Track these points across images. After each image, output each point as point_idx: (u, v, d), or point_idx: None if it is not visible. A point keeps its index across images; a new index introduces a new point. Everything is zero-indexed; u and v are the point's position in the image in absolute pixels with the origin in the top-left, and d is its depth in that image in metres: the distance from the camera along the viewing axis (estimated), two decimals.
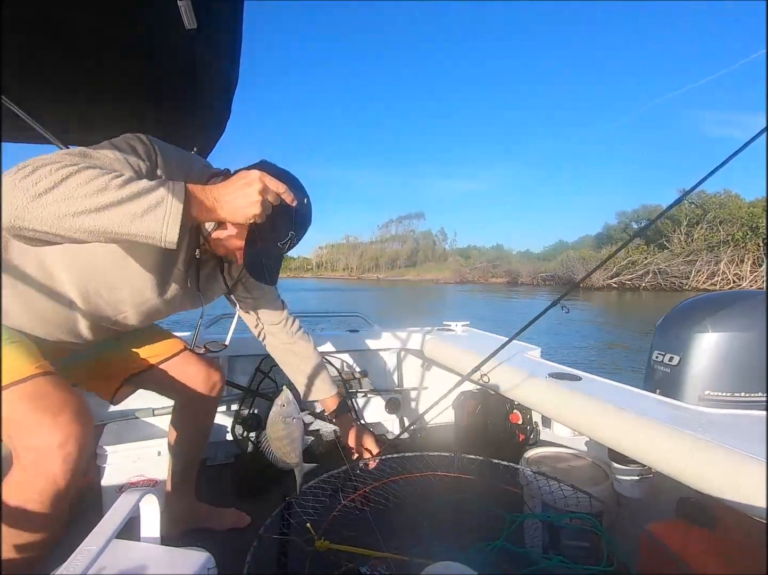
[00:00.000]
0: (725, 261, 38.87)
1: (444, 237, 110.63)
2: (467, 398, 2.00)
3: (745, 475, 0.81)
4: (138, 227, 0.66)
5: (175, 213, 0.67)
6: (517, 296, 31.81)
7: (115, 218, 0.65)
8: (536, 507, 1.26)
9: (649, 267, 41.23)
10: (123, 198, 0.65)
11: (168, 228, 0.66)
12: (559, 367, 1.51)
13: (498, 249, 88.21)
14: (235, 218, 0.74)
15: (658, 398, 1.19)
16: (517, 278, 55.76)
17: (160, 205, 0.66)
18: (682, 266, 40.23)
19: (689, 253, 41.21)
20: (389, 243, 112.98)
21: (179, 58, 1.10)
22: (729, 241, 40.43)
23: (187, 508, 1.34)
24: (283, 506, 0.96)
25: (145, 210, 0.65)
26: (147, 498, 0.83)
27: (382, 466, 1.17)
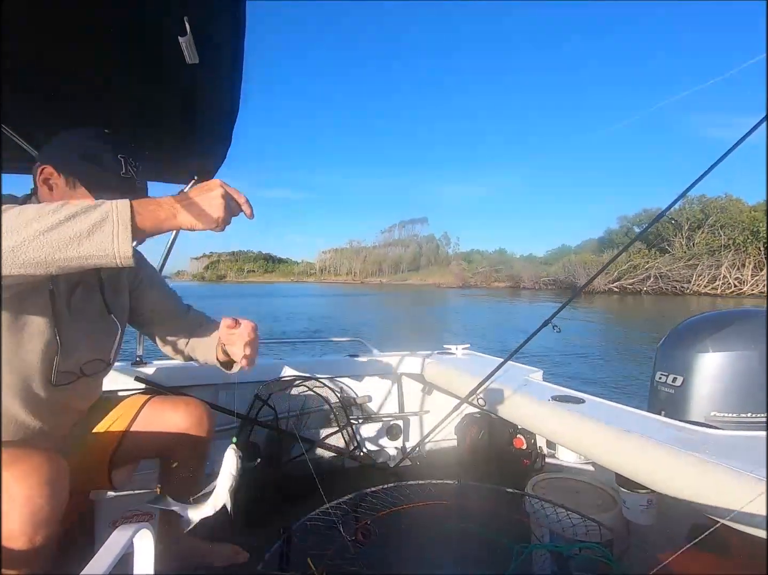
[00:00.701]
0: (726, 265, 39.08)
1: (447, 241, 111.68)
2: (470, 422, 1.97)
3: (757, 499, 0.79)
4: (87, 248, 0.64)
5: (124, 227, 0.64)
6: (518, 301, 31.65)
7: (60, 242, 0.63)
8: (544, 536, 1.22)
9: (651, 271, 41.48)
10: (62, 219, 0.63)
11: (120, 243, 0.64)
12: (562, 389, 1.49)
13: (501, 253, 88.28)
14: (198, 223, 0.72)
15: (663, 421, 1.17)
16: (519, 283, 55.91)
17: (106, 221, 0.64)
18: (683, 270, 40.51)
19: (690, 257, 41.55)
20: (392, 248, 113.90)
21: (181, 91, 1.12)
22: (730, 245, 40.75)
23: (182, 544, 1.28)
24: (282, 540, 0.93)
25: (90, 228, 0.63)
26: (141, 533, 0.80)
27: (384, 495, 1.13)
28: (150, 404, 1.18)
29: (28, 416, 0.93)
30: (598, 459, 1.15)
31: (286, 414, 1.95)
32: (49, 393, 0.94)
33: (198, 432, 1.18)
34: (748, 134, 1.14)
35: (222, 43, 0.92)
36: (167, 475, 1.23)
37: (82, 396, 1.07)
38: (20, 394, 0.90)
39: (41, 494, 0.75)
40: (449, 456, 2.19)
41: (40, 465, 0.78)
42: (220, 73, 1.03)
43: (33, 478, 0.76)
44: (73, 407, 1.06)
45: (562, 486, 1.42)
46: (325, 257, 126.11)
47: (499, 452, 1.86)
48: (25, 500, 0.74)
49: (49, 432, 0.98)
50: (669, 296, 36.68)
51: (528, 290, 48.82)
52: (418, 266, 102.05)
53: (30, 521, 0.74)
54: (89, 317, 1.01)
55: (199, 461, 1.24)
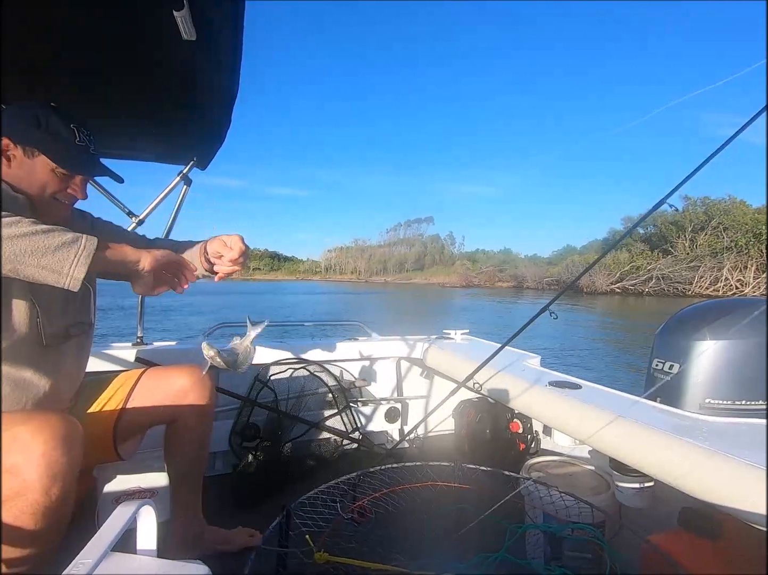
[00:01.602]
0: (728, 267, 38.99)
1: (452, 241, 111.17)
2: (467, 406, 1.99)
3: (747, 484, 0.80)
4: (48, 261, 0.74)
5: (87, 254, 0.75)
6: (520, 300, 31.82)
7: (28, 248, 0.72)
8: (537, 517, 1.24)
9: (653, 273, 41.42)
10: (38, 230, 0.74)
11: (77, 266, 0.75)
12: (559, 375, 1.51)
13: (506, 253, 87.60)
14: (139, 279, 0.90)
15: (658, 407, 1.18)
16: (523, 283, 55.97)
17: (75, 243, 0.75)
18: (685, 272, 40.41)
19: (692, 259, 41.36)
20: (397, 247, 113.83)
21: (179, 69, 1.10)
22: (732, 247, 40.60)
23: (198, 533, 1.28)
24: (281, 517, 0.95)
25: (58, 245, 0.74)
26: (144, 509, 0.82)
27: (382, 476, 1.15)
28: (148, 374, 1.21)
29: (31, 376, 0.97)
30: (593, 444, 1.16)
31: (286, 396, 1.97)
32: (43, 353, 0.99)
33: (200, 392, 1.20)
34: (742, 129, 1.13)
35: (219, 19, 0.90)
36: (174, 441, 1.24)
37: (75, 357, 1.10)
38: (18, 357, 0.95)
39: (56, 446, 0.78)
40: (446, 439, 2.23)
41: (55, 421, 0.81)
42: (218, 51, 1.01)
43: (48, 432, 0.78)
44: (69, 371, 1.08)
45: (556, 469, 1.44)
46: (331, 255, 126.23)
47: (496, 435, 1.88)
48: (42, 453, 0.77)
49: (51, 396, 1.01)
50: (671, 298, 36.70)
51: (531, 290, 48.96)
52: (423, 266, 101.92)
53: (47, 473, 0.77)
54: None
55: (205, 424, 1.25)
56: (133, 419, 1.16)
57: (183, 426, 1.21)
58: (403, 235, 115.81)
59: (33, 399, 0.98)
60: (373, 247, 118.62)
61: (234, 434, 1.84)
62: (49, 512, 0.79)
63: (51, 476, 0.78)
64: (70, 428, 0.82)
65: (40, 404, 0.99)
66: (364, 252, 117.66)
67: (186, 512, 1.26)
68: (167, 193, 1.73)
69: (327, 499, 1.02)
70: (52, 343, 1.00)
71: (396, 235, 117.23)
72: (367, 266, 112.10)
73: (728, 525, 0.94)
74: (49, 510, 0.79)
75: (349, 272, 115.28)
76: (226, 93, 1.19)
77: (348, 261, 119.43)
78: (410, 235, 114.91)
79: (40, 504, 0.78)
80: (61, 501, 0.80)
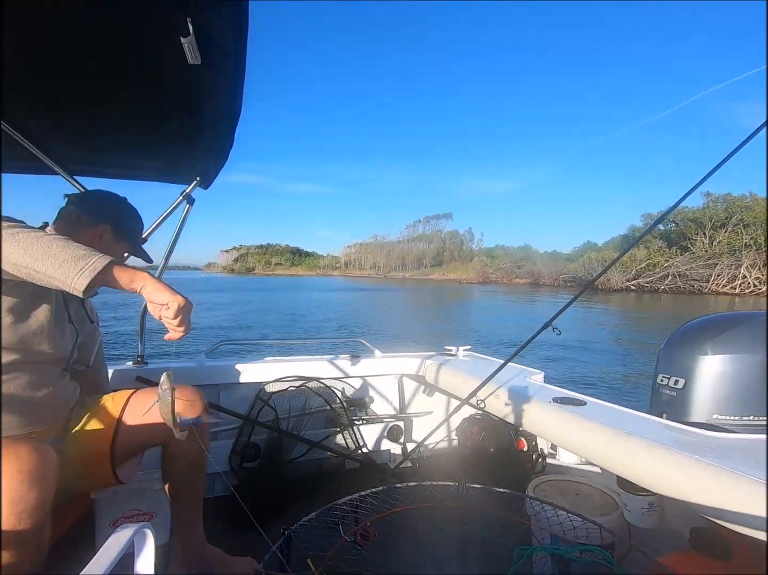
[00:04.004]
0: (746, 265, 38.69)
1: (471, 237, 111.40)
2: (470, 424, 1.96)
3: (758, 502, 0.78)
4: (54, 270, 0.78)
5: (92, 269, 0.79)
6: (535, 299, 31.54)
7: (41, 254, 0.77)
8: (545, 538, 1.21)
9: (669, 270, 41.18)
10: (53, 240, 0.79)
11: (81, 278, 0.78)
12: (563, 391, 1.49)
13: (525, 249, 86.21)
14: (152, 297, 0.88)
15: (665, 423, 1.17)
16: (540, 279, 55.75)
17: (84, 258, 0.80)
18: (702, 270, 40.10)
19: (710, 256, 41.07)
20: (416, 243, 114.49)
21: (183, 91, 1.12)
22: (752, 245, 40.37)
23: (198, 553, 1.26)
24: (282, 540, 0.93)
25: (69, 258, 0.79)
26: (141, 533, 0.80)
27: (385, 496, 1.13)
28: (137, 395, 1.21)
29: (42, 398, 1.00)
30: (600, 462, 1.14)
31: (287, 415, 1.95)
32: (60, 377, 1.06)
33: (191, 412, 1.18)
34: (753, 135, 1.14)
35: (224, 44, 0.92)
36: (170, 462, 1.23)
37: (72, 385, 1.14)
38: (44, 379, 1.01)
39: (22, 482, 0.75)
40: (450, 457, 2.19)
41: (24, 454, 0.78)
42: (222, 74, 1.03)
43: (15, 466, 0.76)
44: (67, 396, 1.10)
45: (563, 488, 1.41)
46: (350, 251, 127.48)
47: (500, 453, 1.85)
48: (6, 489, 0.74)
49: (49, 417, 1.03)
50: (686, 295, 36.51)
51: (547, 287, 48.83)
52: (441, 262, 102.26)
53: (12, 511, 0.74)
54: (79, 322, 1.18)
55: (198, 445, 1.21)
56: (128, 441, 1.15)
57: (177, 448, 1.19)
58: (421, 231, 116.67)
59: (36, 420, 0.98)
60: (392, 243, 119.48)
61: (234, 454, 1.82)
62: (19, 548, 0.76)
63: (16, 513, 0.75)
64: (39, 461, 0.79)
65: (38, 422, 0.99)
66: (383, 248, 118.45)
67: (186, 530, 1.25)
68: (170, 212, 1.74)
69: (329, 521, 1.00)
70: (69, 370, 1.10)
71: (415, 231, 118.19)
72: (386, 261, 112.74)
73: (740, 545, 0.92)
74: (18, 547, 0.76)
75: (368, 268, 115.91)
76: (230, 113, 1.21)
77: (367, 257, 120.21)
78: (429, 231, 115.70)
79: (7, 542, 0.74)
80: (30, 536, 0.77)
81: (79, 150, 1.50)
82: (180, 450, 1.20)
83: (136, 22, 0.87)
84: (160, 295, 0.87)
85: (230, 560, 1.32)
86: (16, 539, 0.75)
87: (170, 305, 0.87)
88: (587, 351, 10.17)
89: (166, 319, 0.89)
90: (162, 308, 0.88)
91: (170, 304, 0.87)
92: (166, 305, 0.88)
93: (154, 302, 0.88)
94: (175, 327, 0.91)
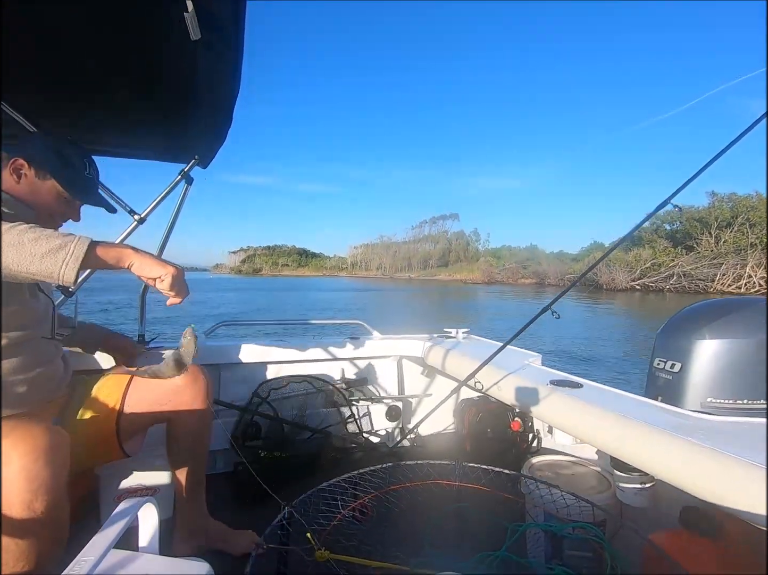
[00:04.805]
0: (752, 264, 38.50)
1: (477, 237, 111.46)
2: (468, 405, 1.99)
3: (748, 483, 0.80)
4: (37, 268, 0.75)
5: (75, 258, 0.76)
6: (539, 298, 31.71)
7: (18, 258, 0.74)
8: (538, 516, 1.24)
9: (674, 269, 41.11)
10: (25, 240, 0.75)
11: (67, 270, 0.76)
12: (560, 374, 1.51)
13: (532, 250, 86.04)
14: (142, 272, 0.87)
15: (660, 406, 1.18)
16: (545, 279, 55.89)
17: (62, 249, 0.76)
18: (707, 269, 39.96)
19: (715, 256, 40.90)
20: (422, 243, 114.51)
21: (182, 69, 1.11)
22: (757, 244, 40.15)
23: (201, 525, 1.30)
24: (282, 515, 0.95)
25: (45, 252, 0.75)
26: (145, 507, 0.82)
27: (383, 474, 1.16)
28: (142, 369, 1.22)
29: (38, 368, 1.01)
30: (594, 443, 1.16)
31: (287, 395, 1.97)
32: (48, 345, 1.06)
33: (195, 388, 1.21)
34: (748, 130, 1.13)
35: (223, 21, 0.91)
36: (174, 438, 1.26)
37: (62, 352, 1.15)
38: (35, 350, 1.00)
39: (36, 459, 0.76)
40: (447, 437, 2.23)
41: (37, 433, 0.79)
42: (221, 52, 1.01)
43: (29, 444, 0.77)
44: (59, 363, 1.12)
45: (557, 468, 1.44)
46: (357, 252, 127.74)
47: (497, 434, 1.88)
48: (21, 467, 0.75)
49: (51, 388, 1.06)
50: (692, 295, 36.48)
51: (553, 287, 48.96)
52: (447, 262, 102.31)
53: (27, 488, 0.75)
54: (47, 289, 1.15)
55: (203, 421, 1.27)
56: (133, 417, 1.17)
57: (181, 424, 1.22)
58: (428, 231, 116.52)
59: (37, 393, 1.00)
60: (398, 243, 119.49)
61: (236, 432, 1.85)
62: (37, 526, 0.77)
63: (32, 491, 0.76)
64: (52, 439, 0.80)
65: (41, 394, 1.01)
66: (389, 249, 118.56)
67: (190, 505, 1.28)
68: (168, 191, 1.73)
69: (328, 497, 1.02)
70: (56, 337, 1.07)
71: (421, 231, 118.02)
72: (392, 262, 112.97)
73: (729, 525, 0.94)
74: (36, 525, 0.77)
75: (374, 269, 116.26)
76: (228, 92, 1.19)
77: (373, 257, 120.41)
78: (435, 232, 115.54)
79: (24, 519, 0.75)
80: (47, 514, 0.78)
81: (76, 128, 1.48)
82: (182, 426, 1.23)
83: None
84: (150, 269, 0.86)
85: (232, 533, 1.36)
86: (34, 516, 0.76)
87: (164, 277, 0.87)
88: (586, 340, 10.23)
89: (163, 290, 0.90)
90: (156, 281, 0.88)
91: (163, 276, 0.87)
92: (160, 279, 0.87)
93: (146, 277, 0.87)
94: (173, 296, 0.92)
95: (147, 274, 0.87)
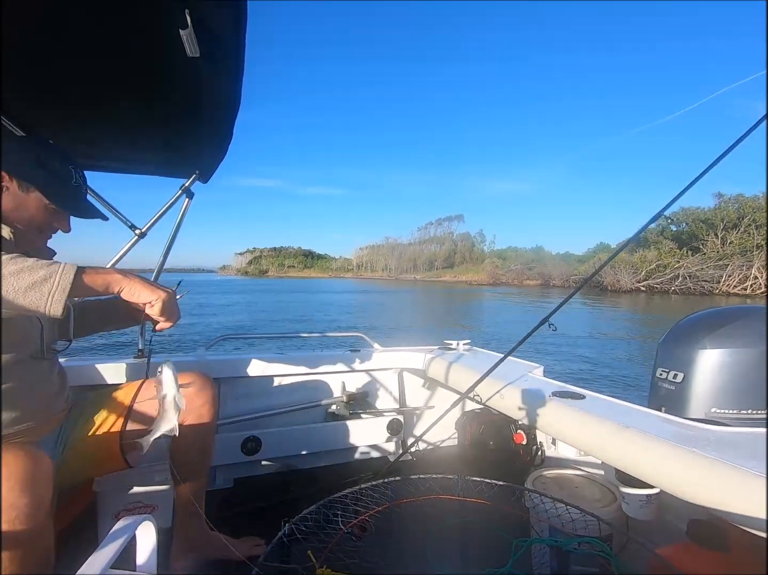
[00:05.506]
0: (758, 266, 38.37)
1: (482, 239, 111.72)
2: (470, 418, 1.97)
3: (755, 495, 0.79)
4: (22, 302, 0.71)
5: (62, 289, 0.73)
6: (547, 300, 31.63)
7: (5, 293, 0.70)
8: (543, 531, 1.22)
9: (679, 271, 41.00)
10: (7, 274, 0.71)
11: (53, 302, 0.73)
12: (562, 385, 1.50)
13: (537, 251, 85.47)
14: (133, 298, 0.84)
15: (664, 417, 1.17)
16: (550, 281, 55.96)
17: (47, 281, 0.72)
18: (712, 271, 39.85)
19: (721, 257, 40.81)
20: (428, 245, 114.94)
21: (182, 84, 1.12)
22: (763, 245, 40.02)
23: (200, 538, 1.28)
24: (282, 532, 0.93)
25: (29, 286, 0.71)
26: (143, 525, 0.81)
27: (385, 489, 1.14)
28: (148, 384, 1.21)
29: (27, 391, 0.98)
30: (598, 455, 1.15)
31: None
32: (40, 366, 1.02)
33: (201, 400, 1.21)
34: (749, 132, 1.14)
35: (223, 37, 0.92)
36: (178, 449, 1.24)
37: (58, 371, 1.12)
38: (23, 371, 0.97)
39: (11, 489, 0.73)
40: (449, 451, 2.20)
41: (13, 460, 0.75)
42: (221, 67, 1.02)
43: (3, 473, 0.74)
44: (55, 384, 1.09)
45: (561, 481, 1.42)
46: (362, 253, 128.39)
47: (500, 447, 1.86)
48: None
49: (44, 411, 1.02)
50: (697, 296, 36.43)
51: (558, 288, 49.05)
52: (453, 264, 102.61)
53: (5, 518, 0.72)
54: None
55: (209, 433, 1.26)
56: (138, 428, 1.17)
57: (185, 435, 1.20)
58: (433, 233, 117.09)
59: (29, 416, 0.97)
60: (403, 245, 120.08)
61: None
62: (17, 557, 0.74)
63: (8, 521, 0.72)
64: (30, 466, 0.76)
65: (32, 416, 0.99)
66: (395, 250, 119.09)
67: (190, 518, 1.27)
68: (169, 206, 1.74)
69: (329, 514, 1.00)
70: (48, 357, 1.03)
71: (426, 233, 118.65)
72: (398, 263, 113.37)
73: (738, 537, 0.93)
74: (16, 556, 0.74)
75: (380, 270, 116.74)
76: (228, 107, 1.21)
77: (379, 259, 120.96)
78: (440, 233, 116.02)
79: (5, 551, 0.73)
80: (29, 544, 0.75)
81: (76, 143, 1.50)
82: (186, 437, 1.21)
83: (135, 15, 0.86)
84: (139, 295, 0.84)
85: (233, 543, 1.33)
86: (14, 543, 0.74)
87: (154, 303, 0.85)
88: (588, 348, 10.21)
89: (154, 316, 0.87)
90: (146, 306, 0.85)
91: (153, 302, 0.84)
92: (150, 304, 0.85)
93: (135, 303, 0.84)
94: (163, 321, 0.89)
95: (137, 299, 0.84)
